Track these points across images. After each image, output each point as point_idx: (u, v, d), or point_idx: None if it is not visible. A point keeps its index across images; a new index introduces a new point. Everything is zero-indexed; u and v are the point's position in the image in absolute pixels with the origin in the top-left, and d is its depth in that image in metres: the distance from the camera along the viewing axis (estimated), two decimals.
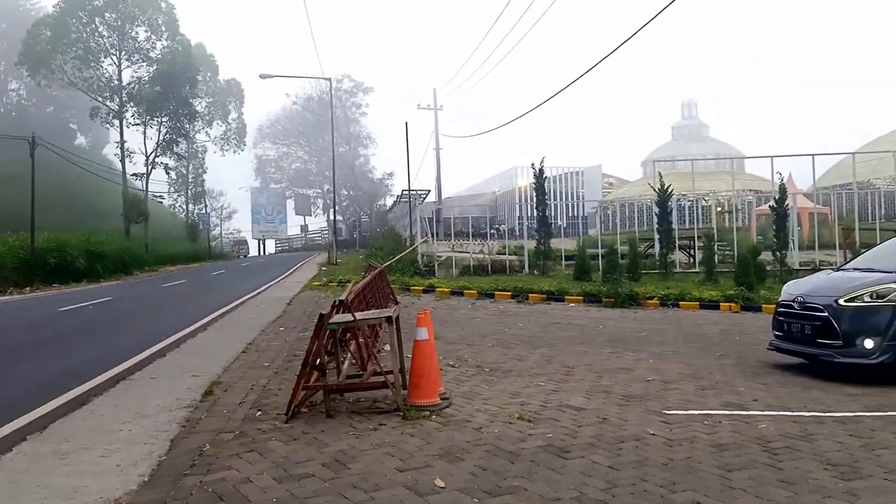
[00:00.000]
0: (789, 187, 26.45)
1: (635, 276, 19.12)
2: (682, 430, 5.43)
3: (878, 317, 7.31)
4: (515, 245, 27.08)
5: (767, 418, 5.80)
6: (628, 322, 13.19)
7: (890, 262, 8.17)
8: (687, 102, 64.93)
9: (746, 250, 19.30)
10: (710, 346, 10.16)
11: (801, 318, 7.99)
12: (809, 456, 4.75)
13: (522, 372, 7.97)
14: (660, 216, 20.74)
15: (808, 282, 8.83)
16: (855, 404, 6.37)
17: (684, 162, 39.63)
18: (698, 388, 7.06)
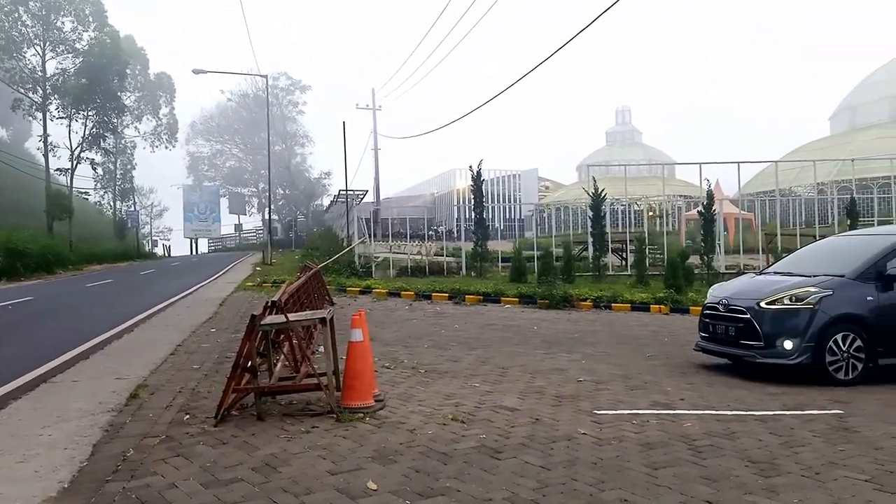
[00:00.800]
0: (717, 193, 27.40)
1: (569, 278, 19.44)
2: (612, 429, 5.55)
3: (797, 319, 7.63)
4: (453, 247, 27.18)
5: (693, 417, 5.97)
6: (562, 323, 13.40)
7: (808, 267, 8.55)
8: (621, 109, 66.44)
9: (676, 254, 19.85)
10: (640, 347, 10.41)
11: (726, 320, 8.28)
12: (732, 453, 4.91)
13: (458, 373, 7.99)
14: (593, 220, 21.16)
15: (732, 285, 9.16)
16: (775, 403, 6.63)
17: (618, 167, 40.54)
18: (628, 388, 7.22)
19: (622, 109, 66.31)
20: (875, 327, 7.60)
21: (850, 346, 7.54)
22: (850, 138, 45.34)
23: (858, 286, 7.75)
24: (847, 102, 51.76)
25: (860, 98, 50.08)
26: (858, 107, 49.54)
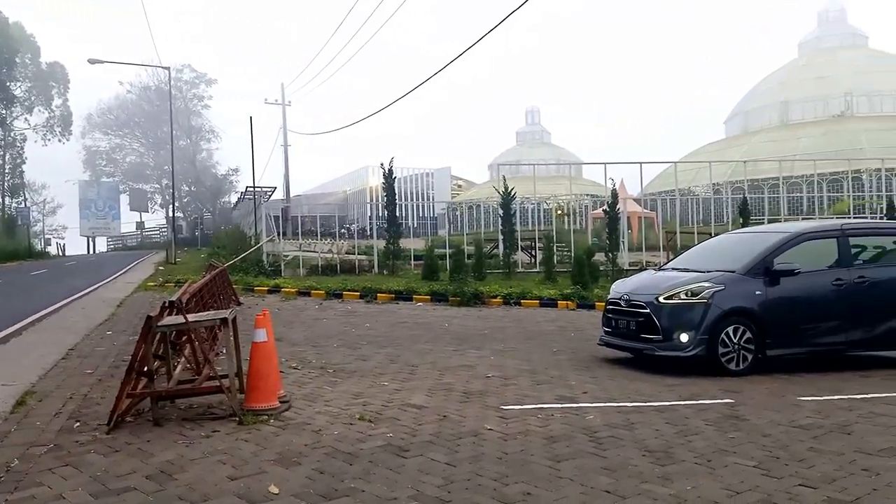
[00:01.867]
0: (621, 193, 28.30)
1: (481, 275, 19.66)
2: (518, 424, 5.63)
3: (693, 313, 7.97)
4: (366, 245, 26.98)
5: (595, 409, 6.14)
6: (472, 320, 13.53)
7: (703, 263, 8.95)
8: (530, 109, 67.74)
9: (582, 251, 20.40)
10: (547, 342, 10.63)
11: (627, 314, 8.56)
12: (630, 444, 5.08)
13: (367, 372, 7.93)
14: (504, 218, 21.48)
15: (633, 281, 9.49)
16: (672, 394, 6.90)
17: (527, 166, 41.33)
18: (534, 383, 7.35)
19: (532, 110, 67.62)
20: (763, 320, 8.04)
21: (741, 338, 7.93)
22: (742, 141, 47.87)
23: (748, 281, 8.17)
24: (740, 108, 54.63)
25: (752, 104, 52.97)
26: (750, 112, 52.39)
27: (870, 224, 12.07)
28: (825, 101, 47.60)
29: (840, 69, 48.58)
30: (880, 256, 9.10)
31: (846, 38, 52.25)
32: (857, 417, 5.95)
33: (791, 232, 8.79)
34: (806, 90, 48.90)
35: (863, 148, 39.27)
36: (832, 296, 8.38)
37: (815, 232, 8.92)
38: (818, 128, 44.79)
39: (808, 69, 50.55)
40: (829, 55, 50.85)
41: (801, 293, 8.27)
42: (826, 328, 8.43)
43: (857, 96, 46.85)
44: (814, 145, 41.31)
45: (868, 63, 49.16)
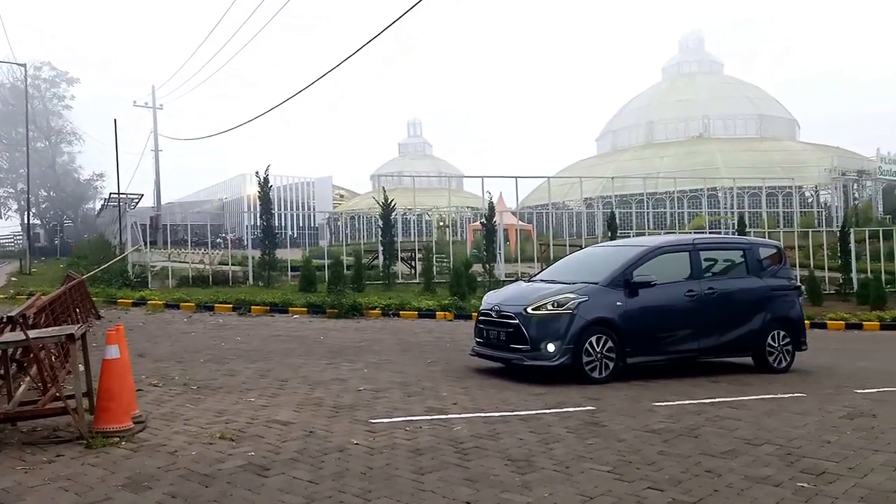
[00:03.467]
0: (500, 206, 29.01)
1: (360, 286, 19.53)
2: (385, 437, 5.60)
3: (559, 323, 8.25)
4: (242, 255, 26.15)
5: (463, 420, 6.21)
6: (350, 332, 13.40)
7: (569, 275, 9.30)
8: (413, 121, 68.27)
9: (460, 263, 20.74)
10: (422, 353, 10.68)
11: (498, 325, 8.75)
12: (494, 453, 5.17)
13: (233, 388, 7.65)
14: (383, 229, 21.47)
15: (503, 292, 9.72)
16: (538, 403, 7.10)
17: (409, 178, 41.59)
18: (406, 396, 7.35)
19: (414, 122, 68.15)
20: (624, 329, 8.44)
21: (603, 346, 8.29)
22: (612, 158, 50.40)
23: (610, 292, 8.56)
24: (610, 126, 57.51)
25: (620, 123, 55.91)
26: (619, 131, 55.27)
27: (718, 239, 12.98)
28: (686, 123, 51.00)
29: (699, 93, 52.27)
30: (729, 269, 9.80)
31: (704, 64, 56.30)
32: (704, 421, 6.35)
33: (648, 246, 9.30)
34: (668, 112, 52.21)
35: (718, 167, 42.35)
36: (685, 306, 8.93)
37: (669, 246, 9.49)
38: (680, 148, 47.89)
39: (670, 92, 54.00)
40: (688, 80, 54.58)
41: (658, 304, 8.75)
42: (680, 336, 8.96)
43: (714, 119, 50.53)
44: (676, 164, 44.10)
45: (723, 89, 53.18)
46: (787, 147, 47.96)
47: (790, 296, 9.86)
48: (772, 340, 9.44)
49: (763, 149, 46.34)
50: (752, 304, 9.44)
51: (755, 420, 6.42)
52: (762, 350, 9.40)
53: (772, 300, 9.58)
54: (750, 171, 40.40)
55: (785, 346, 9.52)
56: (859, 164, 44.72)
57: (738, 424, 6.22)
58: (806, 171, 43.50)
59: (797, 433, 5.91)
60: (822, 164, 43.55)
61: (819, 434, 5.90)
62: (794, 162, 44.41)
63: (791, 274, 10.85)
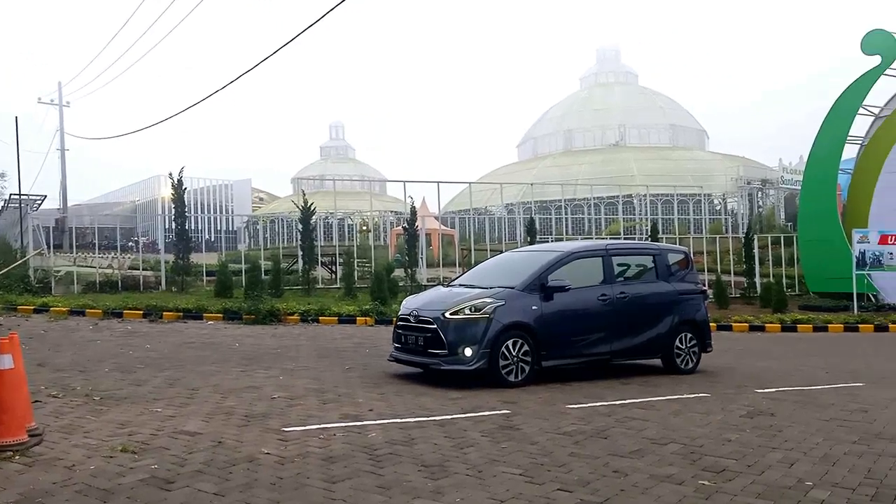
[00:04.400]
0: (422, 211, 29.07)
1: (278, 292, 19.16)
2: (297, 446, 5.49)
3: (476, 328, 8.31)
4: (155, 259, 25.24)
5: (378, 427, 6.17)
6: (267, 339, 13.12)
7: (487, 279, 9.39)
8: (335, 124, 67.63)
9: (382, 267, 20.65)
10: (341, 359, 10.56)
11: (416, 330, 8.74)
12: (408, 460, 5.15)
13: (139, 398, 7.35)
14: (303, 233, 21.15)
15: (422, 297, 9.73)
16: (454, 407, 7.13)
17: (331, 181, 41.16)
18: (321, 403, 7.24)
19: (336, 125, 67.52)
20: (539, 333, 8.58)
21: (519, 350, 8.41)
22: (532, 165, 51.32)
23: (526, 296, 8.69)
24: (530, 133, 58.57)
25: (540, 130, 57.03)
26: (539, 138, 56.37)
27: (630, 244, 13.38)
28: (603, 131, 52.50)
29: (615, 103, 53.92)
30: (640, 274, 10.12)
31: (620, 75, 58.12)
32: (614, 422, 6.52)
33: (563, 251, 9.50)
34: (586, 121, 53.64)
35: (633, 175, 43.75)
36: (598, 310, 9.16)
37: (583, 251, 9.74)
38: (597, 155, 49.22)
39: (587, 102, 55.49)
40: (605, 90, 56.23)
41: (572, 308, 8.95)
42: (594, 339, 9.19)
43: (630, 128, 52.22)
44: (593, 171, 45.31)
45: (638, 99, 55.03)
46: (697, 156, 50.02)
47: (696, 299, 10.27)
48: (679, 343, 9.80)
49: (675, 157, 48.17)
50: (661, 308, 9.77)
51: (662, 420, 6.64)
52: (670, 352, 9.75)
53: (680, 304, 9.95)
54: (663, 179, 41.94)
55: (692, 347, 9.91)
56: (763, 174, 47.09)
57: (645, 425, 6.41)
58: (714, 179, 45.49)
59: (700, 432, 6.15)
60: (729, 174, 45.63)
61: (721, 433, 6.15)
62: (703, 171, 46.36)
63: (698, 278, 11.29)
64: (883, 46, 22.69)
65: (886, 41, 22.64)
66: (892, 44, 22.56)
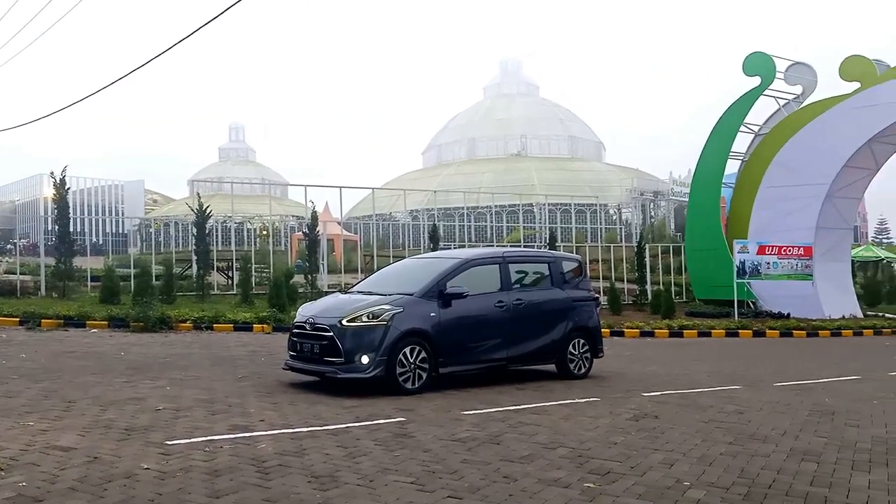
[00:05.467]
0: (325, 216, 28.68)
1: (170, 298, 18.43)
2: (180, 460, 5.26)
3: (373, 335, 8.25)
4: (35, 263, 23.73)
5: (268, 438, 6.00)
6: (156, 347, 12.57)
7: (386, 286, 9.34)
8: (235, 125, 65.83)
9: (281, 273, 20.22)
10: (234, 368, 10.24)
11: (312, 338, 8.59)
12: (298, 471, 5.03)
13: (10, 411, 6.85)
14: (198, 237, 20.44)
15: (319, 304, 9.57)
16: (349, 416, 7.03)
17: (229, 184, 39.99)
18: (210, 414, 6.97)
19: (236, 126, 65.75)
20: (437, 340, 8.60)
21: (417, 357, 8.40)
22: (437, 172, 51.74)
23: (424, 303, 8.70)
24: (435, 141, 59.05)
25: (445, 138, 57.61)
26: (444, 145, 56.92)
27: (526, 252, 13.69)
28: (505, 141, 53.60)
29: (517, 114, 55.18)
30: (536, 282, 10.34)
31: (522, 86, 59.57)
32: (507, 428, 6.61)
33: (461, 258, 9.58)
34: (489, 130, 54.61)
35: (534, 184, 44.82)
36: (495, 316, 9.29)
37: (481, 258, 9.86)
38: (500, 164, 50.16)
39: (491, 111, 56.52)
40: (508, 100, 57.45)
41: (469, 314, 9.03)
42: (490, 346, 9.30)
43: (531, 139, 53.56)
44: (496, 180, 46.13)
45: (539, 110, 56.51)
46: (594, 167, 51.85)
47: (589, 306, 10.59)
48: (573, 348, 10.07)
49: (573, 168, 49.75)
50: (556, 315, 10.01)
51: (553, 425, 6.79)
52: (564, 357, 10.00)
53: (573, 310, 10.22)
54: (562, 189, 43.18)
55: (584, 353, 10.20)
56: (655, 186, 49.34)
57: (537, 430, 6.54)
58: (610, 190, 47.28)
59: (589, 436, 6.33)
60: (624, 185, 47.53)
61: (608, 436, 6.35)
62: (600, 181, 48.11)
63: (590, 286, 11.64)
64: (763, 68, 24.26)
65: (766, 63, 24.22)
66: (770, 66, 24.16)
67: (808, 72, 24.71)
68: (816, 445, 6.17)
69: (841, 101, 22.60)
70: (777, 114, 24.99)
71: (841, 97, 22.74)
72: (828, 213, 22.88)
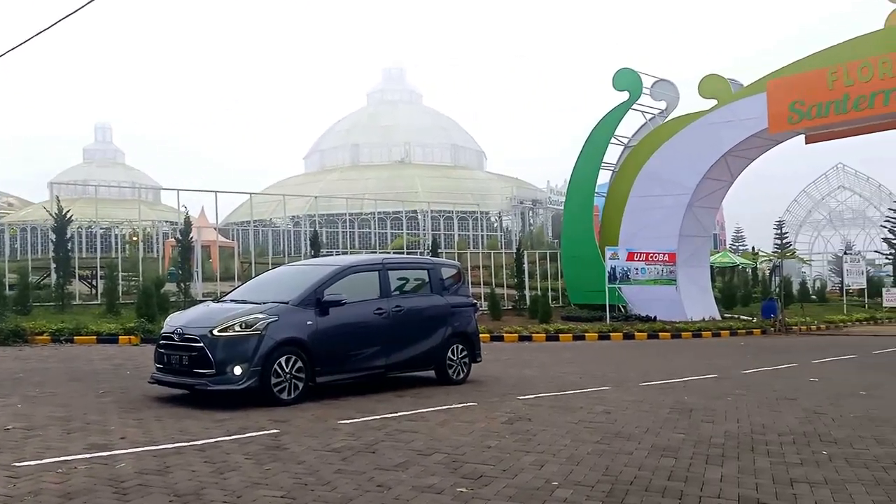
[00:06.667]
0: (201, 221, 27.57)
1: (25, 308, 17.13)
2: (30, 482, 4.87)
3: (246, 345, 7.99)
4: None
5: (129, 456, 5.66)
6: (8, 362, 11.71)
7: (261, 294, 9.09)
8: (101, 125, 62.12)
9: (150, 281, 19.24)
10: (96, 382, 9.66)
11: (180, 349, 8.21)
12: (159, 490, 4.77)
13: None
14: (57, 243, 19.10)
15: (189, 313, 9.18)
16: (219, 430, 6.76)
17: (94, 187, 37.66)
18: (66, 432, 6.51)
19: (102, 126, 62.11)
20: (314, 349, 8.44)
21: (293, 367, 8.20)
22: (320, 178, 51.03)
23: (301, 312, 8.52)
24: (318, 146, 58.28)
25: (328, 143, 56.98)
26: (326, 151, 56.29)
27: (406, 259, 13.72)
28: (389, 148, 53.68)
29: (401, 121, 55.42)
30: (415, 288, 10.38)
31: (406, 93, 59.93)
32: (384, 436, 6.58)
33: (340, 265, 9.47)
34: (373, 136, 54.52)
35: (418, 192, 45.10)
36: (374, 324, 9.23)
37: (360, 265, 9.79)
38: (384, 171, 50.16)
39: (375, 118, 56.47)
40: (392, 107, 57.61)
41: (348, 322, 8.93)
42: (369, 353, 9.23)
43: (415, 146, 53.92)
44: (380, 186, 46.07)
45: (423, 118, 57.02)
46: (476, 176, 52.87)
47: (468, 312, 10.74)
48: (451, 354, 10.17)
49: (456, 176, 50.51)
50: (435, 321, 10.09)
51: (430, 431, 6.82)
52: (443, 363, 10.08)
53: (452, 316, 10.34)
54: (445, 197, 43.69)
55: (463, 358, 10.33)
56: (534, 195, 50.95)
57: (414, 436, 6.54)
58: (491, 198, 48.36)
59: (464, 441, 6.40)
60: (504, 193, 48.78)
61: (483, 440, 6.45)
62: (482, 190, 49.10)
63: (469, 292, 11.83)
64: (631, 84, 25.61)
65: (633, 79, 25.59)
66: (638, 82, 25.54)
67: (672, 88, 26.30)
68: (675, 441, 6.53)
69: (700, 116, 24.19)
70: (644, 127, 26.41)
71: (700, 113, 24.34)
72: (689, 222, 24.41)
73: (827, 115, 21.20)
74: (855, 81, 20.44)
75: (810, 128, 22.48)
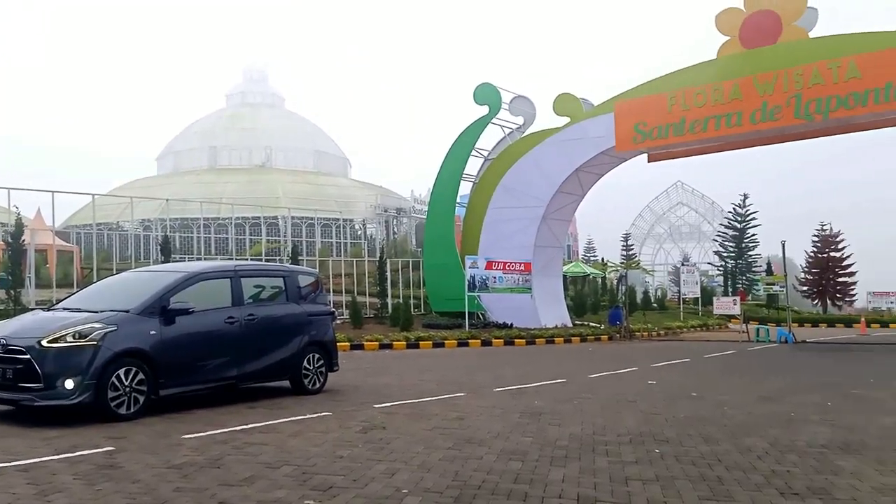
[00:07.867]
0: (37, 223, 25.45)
1: None
2: None
3: (81, 357, 7.42)
4: None
5: None
6: None
7: (98, 302, 8.48)
8: None
9: None
10: None
11: (4, 361, 7.50)
12: None
13: None
14: None
15: (14, 322, 8.44)
16: (47, 449, 6.23)
17: None
18: None
19: None
20: (158, 360, 7.98)
21: (133, 380, 7.71)
22: (173, 180, 48.54)
23: (143, 321, 8.03)
24: (172, 147, 55.49)
25: (183, 144, 54.39)
26: (181, 152, 53.70)
27: (260, 266, 13.33)
28: (249, 152, 52.04)
29: (262, 124, 53.92)
30: (270, 297, 10.08)
31: (268, 97, 58.42)
32: (231, 449, 6.32)
33: (188, 272, 9.01)
34: (233, 139, 52.65)
35: (279, 197, 44.01)
36: (225, 333, 8.88)
37: (210, 272, 9.38)
38: (243, 175, 48.50)
39: (234, 120, 54.58)
40: (252, 110, 55.93)
41: (196, 331, 8.52)
42: (220, 364, 8.86)
43: (276, 151, 52.60)
44: (239, 191, 44.45)
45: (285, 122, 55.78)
46: (339, 183, 52.32)
47: (325, 320, 10.59)
48: (307, 363, 9.97)
49: (319, 182, 49.74)
50: (290, 330, 9.85)
51: (281, 443, 6.63)
52: (299, 373, 9.87)
53: (309, 325, 10.14)
54: (307, 203, 42.94)
55: (319, 367, 10.16)
56: (398, 203, 51.17)
57: (263, 449, 6.34)
58: (356, 206, 48.02)
59: (315, 451, 6.28)
60: (368, 201, 48.61)
61: (335, 450, 6.35)
62: (346, 197, 48.64)
63: (326, 300, 11.68)
64: (491, 98, 26.43)
65: (493, 94, 26.42)
66: (497, 97, 26.39)
67: (529, 105, 27.39)
68: (523, 445, 6.75)
69: (554, 133, 25.36)
70: (503, 141, 27.30)
71: (554, 130, 25.51)
72: (544, 233, 25.49)
73: (667, 137, 22.88)
74: (691, 106, 22.22)
75: (652, 147, 24.17)
